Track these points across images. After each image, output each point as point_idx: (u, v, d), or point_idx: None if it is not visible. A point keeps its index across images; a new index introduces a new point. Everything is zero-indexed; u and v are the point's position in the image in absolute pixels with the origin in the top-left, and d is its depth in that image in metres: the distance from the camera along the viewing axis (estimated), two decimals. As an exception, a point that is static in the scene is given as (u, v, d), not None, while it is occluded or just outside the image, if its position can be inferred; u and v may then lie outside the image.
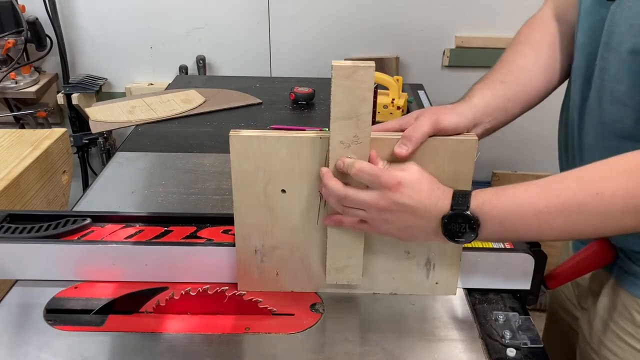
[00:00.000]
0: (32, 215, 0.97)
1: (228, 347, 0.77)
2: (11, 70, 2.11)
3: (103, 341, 0.78)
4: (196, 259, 0.87)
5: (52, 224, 0.94)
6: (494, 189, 0.71)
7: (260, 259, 0.85)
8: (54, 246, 0.88)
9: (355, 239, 0.81)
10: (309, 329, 0.80)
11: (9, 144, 1.38)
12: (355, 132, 0.73)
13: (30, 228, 0.92)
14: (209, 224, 0.97)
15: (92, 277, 0.88)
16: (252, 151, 0.76)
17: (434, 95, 1.85)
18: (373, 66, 0.69)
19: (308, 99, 1.69)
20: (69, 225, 0.94)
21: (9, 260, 0.87)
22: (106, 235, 0.94)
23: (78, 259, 0.87)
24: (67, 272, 0.88)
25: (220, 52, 2.27)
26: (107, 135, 2.16)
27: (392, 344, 0.78)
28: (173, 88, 1.86)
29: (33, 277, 0.88)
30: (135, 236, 0.94)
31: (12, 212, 0.97)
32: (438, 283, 0.86)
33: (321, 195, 0.78)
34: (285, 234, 0.82)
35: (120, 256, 0.87)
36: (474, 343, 0.78)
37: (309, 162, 0.77)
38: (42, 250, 0.87)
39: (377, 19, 2.18)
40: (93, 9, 2.20)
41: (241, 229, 0.82)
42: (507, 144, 2.32)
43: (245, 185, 0.79)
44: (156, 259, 0.87)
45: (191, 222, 0.97)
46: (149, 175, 1.27)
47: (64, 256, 0.87)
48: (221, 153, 1.36)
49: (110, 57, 2.28)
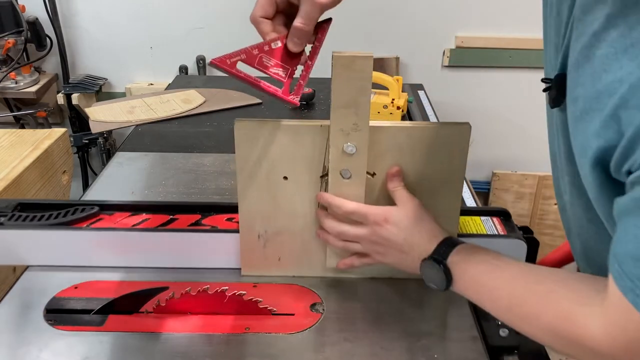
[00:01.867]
0: (43, 204, 0.99)
1: (228, 347, 0.77)
2: (11, 70, 2.11)
3: (103, 341, 0.78)
4: (201, 245, 0.90)
5: (62, 212, 0.96)
6: (472, 251, 0.73)
7: (263, 244, 0.87)
8: (64, 232, 0.91)
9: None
10: (309, 329, 0.80)
11: (9, 144, 1.38)
12: (354, 120, 0.76)
13: (40, 216, 0.94)
14: (213, 213, 0.98)
15: (101, 263, 0.91)
16: (256, 139, 0.78)
17: (434, 95, 1.85)
18: (371, 56, 0.72)
19: (308, 99, 1.69)
20: (78, 213, 0.95)
21: (22, 246, 0.91)
22: (114, 223, 0.95)
23: (88, 245, 0.90)
24: (77, 258, 0.91)
25: (220, 52, 2.25)
26: (107, 135, 2.16)
27: (392, 344, 0.78)
28: (173, 88, 1.86)
29: (44, 262, 0.91)
30: (142, 224, 0.96)
31: (23, 201, 0.99)
32: None
33: (321, 182, 0.81)
34: (287, 219, 0.85)
35: (129, 242, 0.90)
36: (474, 343, 0.78)
37: (310, 149, 0.80)
38: (53, 237, 0.90)
39: (377, 19, 2.18)
40: (93, 9, 2.20)
41: (245, 214, 0.85)
42: (507, 144, 2.33)
43: (249, 172, 0.82)
44: (163, 245, 0.90)
45: (196, 211, 0.99)
46: (149, 175, 1.27)
47: (74, 242, 0.90)
48: (221, 153, 1.36)
49: (110, 57, 2.28)
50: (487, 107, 2.27)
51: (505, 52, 2.15)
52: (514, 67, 2.18)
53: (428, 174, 0.81)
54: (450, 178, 0.82)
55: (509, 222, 0.95)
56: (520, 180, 2.34)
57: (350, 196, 0.80)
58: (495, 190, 2.37)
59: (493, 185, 2.36)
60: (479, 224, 0.95)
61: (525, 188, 2.34)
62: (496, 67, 2.20)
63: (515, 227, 0.94)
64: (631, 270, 0.52)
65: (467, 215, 0.97)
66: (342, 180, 0.80)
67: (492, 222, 0.96)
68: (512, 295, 0.67)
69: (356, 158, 0.79)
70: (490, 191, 2.39)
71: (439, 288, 0.74)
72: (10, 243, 0.90)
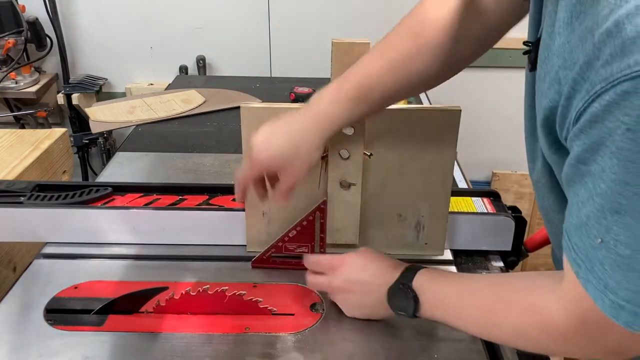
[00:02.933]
0: (59, 185, 1.05)
1: (228, 347, 0.77)
2: (11, 70, 2.11)
3: (103, 341, 0.78)
4: (209, 223, 0.95)
5: (78, 192, 1.00)
6: (436, 273, 0.74)
7: (267, 221, 0.92)
8: (81, 211, 0.96)
9: (352, 202, 0.89)
10: (309, 329, 0.80)
11: (9, 144, 1.38)
12: None
13: (57, 196, 0.99)
14: (219, 193, 1.03)
15: (116, 240, 0.96)
16: (261, 122, 0.80)
17: (434, 95, 1.85)
18: (369, 43, 0.77)
19: (308, 99, 1.69)
20: (93, 193, 1.00)
21: (40, 224, 0.96)
22: (127, 202, 1.00)
23: (103, 222, 0.96)
24: (92, 235, 0.96)
25: (220, 52, 2.27)
26: (107, 135, 2.16)
27: (392, 344, 0.78)
28: (173, 88, 1.86)
29: (61, 240, 0.96)
30: (153, 203, 1.00)
31: (41, 183, 1.03)
32: (427, 243, 0.94)
33: (322, 162, 0.85)
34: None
35: (141, 220, 0.96)
36: (474, 343, 0.78)
37: None
38: (70, 215, 0.96)
39: (377, 19, 2.17)
40: (93, 9, 2.20)
41: (250, 194, 0.87)
42: (507, 144, 2.32)
43: None
44: (173, 223, 0.96)
45: (203, 192, 1.03)
46: (149, 175, 1.27)
47: (90, 220, 0.96)
48: (221, 153, 1.36)
49: (110, 57, 2.28)
50: (487, 107, 2.27)
51: (505, 52, 2.15)
52: (514, 67, 2.18)
53: (421, 154, 0.87)
54: (442, 157, 0.87)
55: (499, 202, 1.00)
56: (520, 180, 2.33)
57: (348, 175, 0.86)
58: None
59: (493, 185, 2.36)
60: (470, 204, 1.00)
61: (525, 188, 2.34)
62: (496, 67, 2.20)
63: (504, 206, 0.99)
64: (574, 240, 0.53)
65: (459, 196, 1.02)
66: (340, 160, 0.85)
67: (483, 202, 1.01)
68: (478, 304, 0.68)
69: (354, 139, 0.83)
70: (490, 191, 2.39)
71: (407, 314, 0.74)
72: (29, 221, 0.96)
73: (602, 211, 0.49)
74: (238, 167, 0.80)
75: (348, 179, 0.87)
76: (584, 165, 0.50)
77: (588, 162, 0.50)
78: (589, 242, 0.51)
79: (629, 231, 0.48)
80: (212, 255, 0.95)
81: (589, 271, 0.52)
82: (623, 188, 0.47)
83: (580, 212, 0.52)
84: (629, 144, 0.45)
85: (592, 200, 0.50)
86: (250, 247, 0.95)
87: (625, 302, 0.50)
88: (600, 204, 0.49)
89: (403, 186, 0.89)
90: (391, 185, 0.89)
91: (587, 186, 0.50)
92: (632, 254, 0.49)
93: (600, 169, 0.48)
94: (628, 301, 0.50)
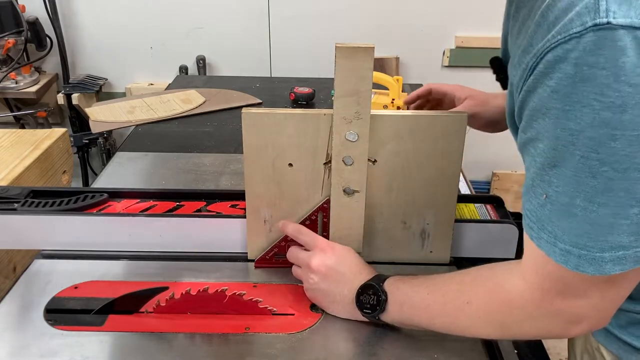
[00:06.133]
0: (54, 192, 1.02)
1: (228, 347, 0.77)
2: (11, 70, 2.11)
3: (103, 341, 0.78)
4: (207, 230, 0.94)
5: (72, 198, 0.98)
6: (406, 277, 0.77)
7: (269, 229, 0.90)
8: (75, 218, 0.94)
9: (356, 210, 0.87)
10: (309, 329, 0.80)
11: (9, 144, 1.38)
12: (356, 108, 0.79)
13: (52, 202, 0.96)
14: (217, 200, 1.01)
15: (110, 247, 0.94)
16: (262, 128, 0.82)
17: (434, 95, 1.85)
18: (372, 47, 0.75)
19: (308, 99, 1.69)
20: (88, 200, 0.98)
21: (34, 231, 0.93)
22: (123, 209, 0.98)
23: (98, 229, 0.93)
24: (87, 242, 0.94)
25: (220, 52, 2.27)
26: (107, 135, 2.17)
27: (392, 344, 0.78)
28: (173, 88, 1.86)
29: (56, 247, 0.94)
30: (149, 210, 0.98)
31: (35, 189, 1.01)
32: (432, 252, 0.92)
33: (325, 169, 0.85)
34: (291, 205, 0.88)
35: (137, 227, 0.93)
36: (474, 343, 0.78)
37: (315, 137, 0.83)
38: (64, 222, 0.93)
39: (377, 19, 2.18)
40: (93, 9, 2.20)
41: (251, 200, 0.88)
42: (507, 144, 2.32)
43: (255, 160, 0.85)
44: (170, 230, 0.93)
45: (201, 198, 1.02)
46: (149, 175, 1.27)
47: (84, 227, 0.93)
48: (221, 153, 1.36)
49: (111, 57, 2.28)
50: (487, 107, 2.26)
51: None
52: (514, 67, 2.18)
53: (426, 161, 0.85)
54: (448, 165, 0.85)
55: (502, 209, 0.99)
56: (520, 180, 2.34)
57: (352, 182, 0.84)
58: (495, 190, 2.38)
59: (493, 185, 2.37)
60: (473, 211, 0.99)
61: (525, 188, 2.34)
62: (496, 67, 2.20)
63: (508, 213, 0.97)
64: (526, 206, 0.59)
65: (462, 203, 1.01)
66: (344, 166, 0.83)
67: (486, 209, 1.00)
68: (444, 292, 0.71)
69: (358, 145, 0.82)
70: (490, 191, 2.39)
71: (372, 314, 0.76)
72: (23, 228, 0.93)
73: (543, 168, 0.56)
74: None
75: (352, 186, 0.85)
76: (524, 134, 0.57)
77: (527, 130, 0.56)
78: (536, 201, 0.57)
79: (565, 180, 0.54)
80: (212, 255, 0.95)
81: (541, 229, 0.57)
82: (555, 143, 0.53)
83: (527, 179, 0.58)
84: (555, 103, 0.52)
85: (534, 162, 0.56)
86: (252, 255, 0.93)
87: (571, 246, 0.56)
88: (541, 163, 0.56)
89: (408, 193, 0.87)
90: (395, 192, 0.87)
91: (530, 152, 0.57)
92: (570, 200, 0.54)
93: (536, 132, 0.55)
94: (574, 245, 0.55)
